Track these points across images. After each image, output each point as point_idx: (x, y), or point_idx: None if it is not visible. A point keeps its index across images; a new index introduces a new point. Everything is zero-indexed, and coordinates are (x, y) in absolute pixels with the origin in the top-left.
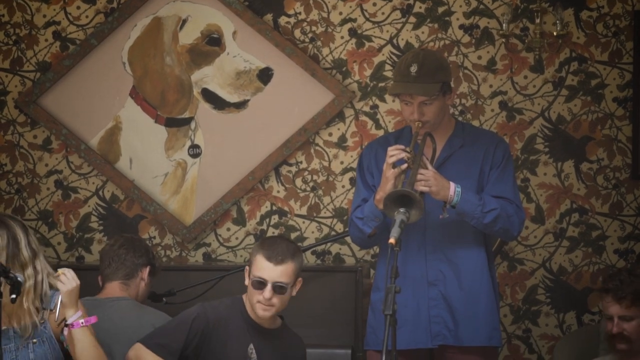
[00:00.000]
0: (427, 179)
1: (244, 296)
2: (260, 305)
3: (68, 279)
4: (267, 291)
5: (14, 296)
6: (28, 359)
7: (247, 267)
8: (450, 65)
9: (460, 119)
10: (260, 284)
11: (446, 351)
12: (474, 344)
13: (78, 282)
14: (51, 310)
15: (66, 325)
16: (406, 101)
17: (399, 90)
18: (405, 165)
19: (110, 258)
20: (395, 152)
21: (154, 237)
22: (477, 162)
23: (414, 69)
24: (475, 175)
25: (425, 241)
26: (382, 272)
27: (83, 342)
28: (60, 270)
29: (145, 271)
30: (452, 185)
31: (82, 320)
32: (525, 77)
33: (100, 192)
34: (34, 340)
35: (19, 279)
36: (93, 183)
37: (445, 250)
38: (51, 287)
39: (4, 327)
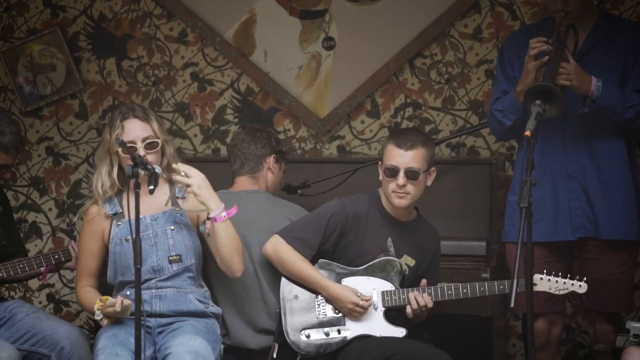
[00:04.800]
0: (569, 73)
1: (379, 190)
2: (395, 194)
3: (192, 173)
4: (400, 178)
5: (152, 187)
6: (167, 245)
7: (380, 162)
8: None
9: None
10: (392, 172)
11: (586, 244)
12: (612, 237)
13: (201, 174)
14: (184, 197)
15: (208, 219)
16: None
17: None
18: (546, 58)
19: (234, 154)
20: (537, 45)
21: (289, 130)
22: (621, 55)
23: None
24: (618, 68)
25: (566, 134)
26: (520, 168)
27: (226, 234)
28: (179, 167)
29: (270, 160)
30: (593, 79)
31: (224, 214)
32: None
33: (235, 85)
34: (172, 227)
35: (156, 170)
36: (228, 76)
37: (585, 142)
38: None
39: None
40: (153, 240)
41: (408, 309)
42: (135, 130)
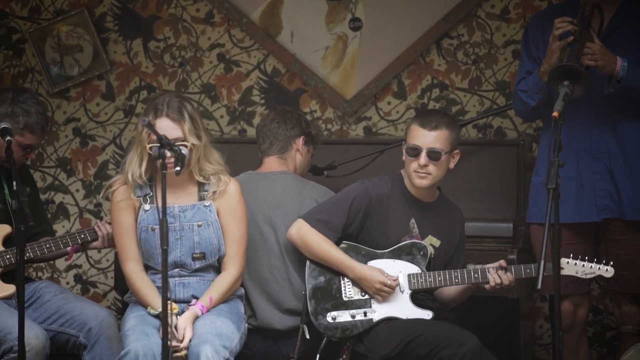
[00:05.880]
0: (594, 53)
1: (402, 171)
2: (417, 173)
3: (183, 342)
4: (422, 157)
5: (178, 168)
6: (192, 241)
7: (403, 142)
8: None
9: None
10: (414, 151)
11: (611, 225)
12: (637, 218)
13: (190, 334)
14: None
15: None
16: None
17: None
18: (571, 38)
19: (264, 134)
20: (561, 24)
21: (315, 111)
22: None
23: None
24: None
25: (590, 114)
26: (545, 149)
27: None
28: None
29: (299, 142)
30: (618, 59)
31: (200, 311)
32: None
33: (262, 66)
34: (199, 223)
35: (182, 152)
36: (255, 57)
37: (610, 123)
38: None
39: (169, 205)
40: (179, 233)
41: (487, 286)
42: (164, 130)
